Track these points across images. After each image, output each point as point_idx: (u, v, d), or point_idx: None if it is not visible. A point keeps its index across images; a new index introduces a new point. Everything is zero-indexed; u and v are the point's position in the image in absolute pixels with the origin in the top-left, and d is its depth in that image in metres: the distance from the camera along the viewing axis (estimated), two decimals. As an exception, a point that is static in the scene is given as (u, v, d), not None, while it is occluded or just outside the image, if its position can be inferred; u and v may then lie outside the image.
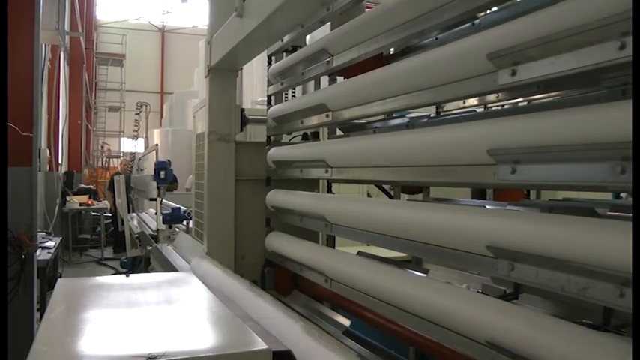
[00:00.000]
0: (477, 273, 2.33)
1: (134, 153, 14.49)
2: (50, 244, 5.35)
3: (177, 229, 4.56)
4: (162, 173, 5.07)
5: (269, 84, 3.09)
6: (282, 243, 2.77)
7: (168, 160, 5.89)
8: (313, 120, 2.53)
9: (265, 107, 3.14)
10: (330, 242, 2.95)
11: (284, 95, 3.15)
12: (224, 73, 3.01)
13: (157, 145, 8.05)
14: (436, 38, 2.16)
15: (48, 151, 6.46)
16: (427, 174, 1.69)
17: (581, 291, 1.10)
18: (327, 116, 2.35)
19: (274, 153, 2.90)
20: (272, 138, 3.08)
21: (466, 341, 1.41)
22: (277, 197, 2.84)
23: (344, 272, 2.12)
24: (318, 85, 2.86)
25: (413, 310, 1.65)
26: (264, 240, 2.96)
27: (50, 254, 5.00)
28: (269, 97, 3.13)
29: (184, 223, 4.46)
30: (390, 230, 1.84)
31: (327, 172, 2.33)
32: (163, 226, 4.61)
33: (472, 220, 1.46)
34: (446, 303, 1.52)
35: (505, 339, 1.26)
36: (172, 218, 4.57)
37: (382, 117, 2.41)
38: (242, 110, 3.12)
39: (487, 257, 1.36)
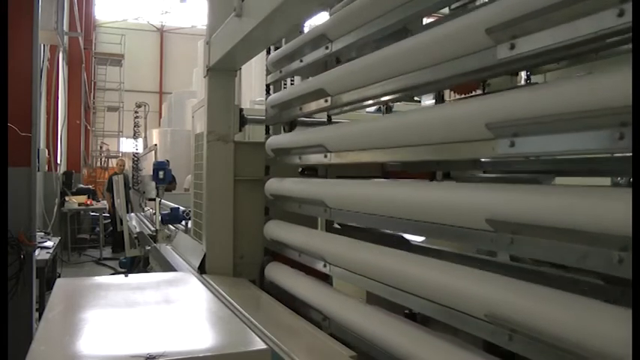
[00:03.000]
0: (476, 251, 2.32)
1: (131, 153, 14.41)
2: (49, 244, 5.35)
3: (176, 229, 4.56)
4: (160, 173, 5.08)
5: (268, 73, 3.05)
6: (280, 231, 2.75)
7: (167, 160, 5.90)
8: (312, 106, 2.50)
9: (264, 108, 3.13)
10: (330, 228, 2.91)
11: (283, 84, 3.13)
12: (223, 73, 3.01)
13: (155, 145, 8.06)
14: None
15: (47, 151, 6.44)
16: (427, 152, 1.67)
17: (580, 260, 1.10)
18: (326, 101, 2.32)
19: (273, 141, 2.87)
20: (271, 128, 3.05)
21: (465, 317, 1.39)
22: (276, 185, 2.82)
23: (343, 256, 2.09)
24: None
25: (411, 287, 1.63)
26: (263, 229, 2.92)
27: (49, 254, 4.99)
28: (267, 86, 3.09)
29: (183, 223, 4.46)
30: (389, 211, 1.81)
31: (325, 156, 2.31)
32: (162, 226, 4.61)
33: (471, 194, 1.44)
34: (444, 279, 1.49)
35: (504, 312, 1.24)
36: (171, 218, 4.57)
37: (380, 107, 2.38)
38: (241, 110, 3.12)
39: (487, 232, 1.35)
